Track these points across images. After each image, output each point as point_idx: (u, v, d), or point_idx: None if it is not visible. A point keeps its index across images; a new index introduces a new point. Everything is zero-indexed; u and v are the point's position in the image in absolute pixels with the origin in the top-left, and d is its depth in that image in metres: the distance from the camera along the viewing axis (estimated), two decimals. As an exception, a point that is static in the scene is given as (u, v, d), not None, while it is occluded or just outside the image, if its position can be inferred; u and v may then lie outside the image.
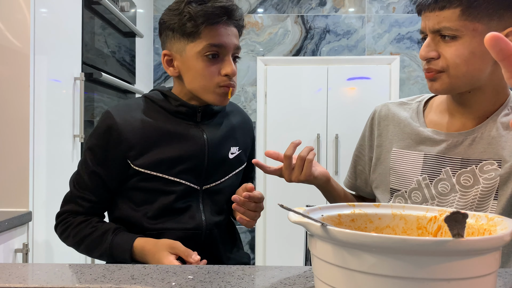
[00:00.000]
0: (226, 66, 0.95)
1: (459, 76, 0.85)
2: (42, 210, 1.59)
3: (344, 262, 0.46)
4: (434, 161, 0.92)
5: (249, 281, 0.68)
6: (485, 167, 0.88)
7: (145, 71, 3.04)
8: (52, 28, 1.68)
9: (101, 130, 0.97)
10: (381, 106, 1.06)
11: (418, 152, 0.95)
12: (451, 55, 0.84)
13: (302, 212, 0.53)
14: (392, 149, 0.99)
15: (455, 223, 0.42)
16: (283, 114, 3.25)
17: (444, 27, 0.83)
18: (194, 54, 0.95)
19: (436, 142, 0.93)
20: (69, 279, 0.68)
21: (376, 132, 1.04)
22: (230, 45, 0.96)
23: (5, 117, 1.50)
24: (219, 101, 0.98)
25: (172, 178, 0.97)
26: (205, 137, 1.00)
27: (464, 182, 0.89)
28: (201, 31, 0.94)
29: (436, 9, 0.83)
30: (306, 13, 3.24)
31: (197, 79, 0.97)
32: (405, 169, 0.96)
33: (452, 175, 0.90)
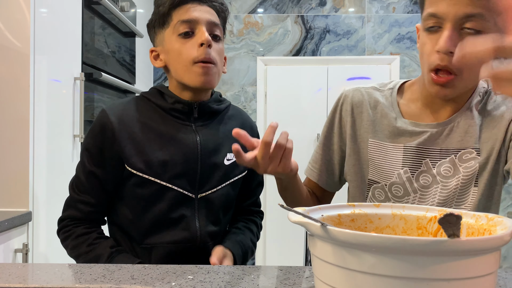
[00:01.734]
0: (199, 35, 0.93)
1: (471, 80, 0.81)
2: (42, 210, 1.59)
3: (344, 262, 0.46)
4: (415, 153, 0.90)
5: (249, 281, 0.68)
6: (464, 156, 0.87)
7: (145, 71, 3.04)
8: (52, 28, 1.68)
9: (96, 129, 0.96)
10: (353, 91, 0.98)
11: (397, 144, 0.91)
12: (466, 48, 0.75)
13: (302, 212, 0.53)
14: (368, 139, 0.94)
15: (450, 224, 0.42)
16: (283, 114, 3.25)
17: (475, 14, 0.72)
18: (170, 36, 0.96)
19: (415, 134, 0.90)
20: (69, 279, 0.68)
21: (349, 119, 0.97)
22: (202, 18, 0.94)
23: (5, 117, 1.50)
24: (200, 81, 0.94)
25: (164, 183, 0.94)
26: (198, 140, 0.97)
27: (444, 173, 0.88)
28: (172, 13, 0.95)
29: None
30: (306, 13, 3.24)
31: (176, 61, 0.96)
32: (385, 161, 0.92)
33: (432, 166, 0.89)
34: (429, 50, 0.79)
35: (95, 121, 0.97)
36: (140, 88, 2.74)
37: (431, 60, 0.79)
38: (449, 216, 0.42)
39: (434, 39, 0.78)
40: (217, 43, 0.97)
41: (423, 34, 0.81)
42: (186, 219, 0.96)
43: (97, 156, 0.95)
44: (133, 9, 2.63)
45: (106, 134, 0.94)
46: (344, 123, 0.98)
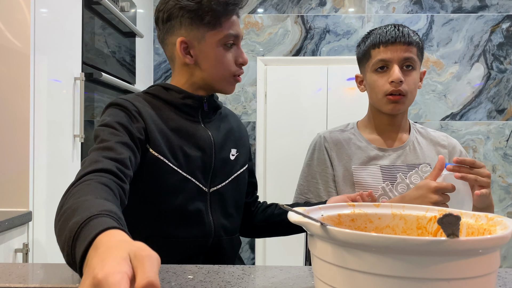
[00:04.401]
0: (242, 55, 1.00)
1: (411, 100, 1.14)
2: (42, 210, 1.59)
3: (344, 262, 0.46)
4: (389, 170, 1.16)
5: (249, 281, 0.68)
6: (424, 168, 1.16)
7: (145, 71, 3.04)
8: (52, 28, 1.68)
9: (116, 109, 0.89)
10: (327, 134, 1.24)
11: (374, 165, 1.17)
12: (411, 83, 1.11)
13: (302, 212, 0.53)
14: (352, 166, 1.17)
15: (449, 225, 0.42)
16: (283, 114, 3.25)
17: (411, 58, 1.11)
18: (214, 42, 0.96)
19: (384, 157, 1.17)
20: (69, 279, 0.68)
21: (335, 154, 1.20)
22: (242, 35, 1.01)
23: (5, 117, 1.50)
24: (230, 89, 1.02)
25: (185, 174, 0.93)
26: (211, 135, 0.99)
27: (415, 181, 1.15)
28: (222, 20, 0.95)
29: (406, 44, 1.10)
30: (306, 13, 3.24)
31: (215, 67, 0.98)
32: (369, 180, 1.16)
33: (404, 177, 1.16)
34: (382, 83, 1.12)
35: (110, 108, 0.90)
36: (140, 88, 2.74)
37: (386, 88, 1.11)
38: (448, 217, 0.42)
39: (384, 75, 1.12)
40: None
41: (372, 75, 1.15)
42: (201, 213, 0.95)
43: (122, 130, 0.85)
44: (133, 9, 2.63)
45: (131, 113, 0.89)
46: (331, 157, 1.20)
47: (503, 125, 3.18)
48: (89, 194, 0.64)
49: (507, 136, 3.18)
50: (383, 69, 1.12)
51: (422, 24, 3.20)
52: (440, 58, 3.19)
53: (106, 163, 0.75)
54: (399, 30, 1.11)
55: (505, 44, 3.18)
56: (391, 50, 1.10)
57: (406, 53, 1.10)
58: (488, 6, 3.18)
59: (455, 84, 3.19)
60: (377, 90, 1.13)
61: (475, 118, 3.19)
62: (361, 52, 1.19)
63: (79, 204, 0.59)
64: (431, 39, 3.20)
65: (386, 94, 1.11)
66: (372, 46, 1.13)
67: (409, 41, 1.10)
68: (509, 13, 3.18)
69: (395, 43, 1.10)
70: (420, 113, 3.20)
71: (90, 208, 0.57)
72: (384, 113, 1.16)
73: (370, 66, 1.15)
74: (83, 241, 0.50)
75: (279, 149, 3.19)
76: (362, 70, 1.20)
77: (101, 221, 0.52)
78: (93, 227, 0.51)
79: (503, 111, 3.18)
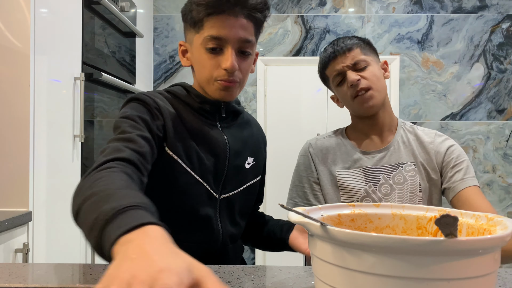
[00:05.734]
0: (224, 60, 0.88)
1: (380, 89, 1.15)
2: (42, 210, 1.59)
3: (344, 262, 0.46)
4: (372, 172, 1.17)
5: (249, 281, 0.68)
6: (407, 167, 1.16)
7: (145, 71, 3.04)
8: (52, 28, 1.68)
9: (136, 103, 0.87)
10: (314, 141, 1.27)
11: (358, 168, 1.18)
12: (370, 76, 1.14)
13: (302, 212, 0.53)
14: (336, 171, 1.19)
15: (447, 225, 0.42)
16: (283, 114, 3.24)
17: (359, 60, 1.14)
18: (198, 45, 0.91)
19: (368, 159, 1.18)
20: (69, 279, 0.68)
21: (318, 159, 1.23)
22: (232, 38, 0.88)
23: (5, 117, 1.50)
24: (219, 95, 0.92)
25: (197, 177, 0.90)
26: (227, 141, 0.96)
27: (398, 181, 1.15)
28: (204, 21, 0.88)
29: (347, 52, 1.15)
30: (306, 13, 3.24)
31: (200, 70, 0.93)
32: (352, 183, 1.17)
33: (387, 178, 1.16)
34: (346, 90, 1.17)
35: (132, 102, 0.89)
36: (140, 88, 2.74)
37: (352, 93, 1.15)
38: (445, 217, 0.42)
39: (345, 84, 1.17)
40: (245, 59, 0.93)
41: (338, 90, 1.20)
42: (210, 219, 0.93)
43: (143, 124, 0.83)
44: (133, 9, 2.63)
45: (151, 108, 0.87)
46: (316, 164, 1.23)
47: (503, 125, 3.18)
48: (119, 181, 0.62)
49: (507, 136, 3.18)
50: (342, 79, 1.17)
51: (422, 24, 3.20)
52: (440, 58, 3.19)
53: (128, 153, 0.73)
54: (338, 43, 1.18)
55: (505, 44, 3.18)
56: (339, 62, 1.16)
57: (352, 59, 1.15)
58: (488, 6, 3.18)
59: (455, 84, 3.19)
60: (346, 97, 1.18)
61: (475, 118, 3.19)
62: (321, 77, 1.28)
63: (112, 192, 0.57)
64: (431, 39, 3.20)
65: (353, 96, 1.15)
66: (323, 68, 1.22)
67: (349, 47, 1.15)
68: (509, 13, 3.18)
69: (336, 58, 1.16)
70: (420, 113, 3.20)
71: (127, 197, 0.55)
72: (363, 116, 1.19)
73: (332, 84, 1.22)
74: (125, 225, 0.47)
75: (279, 149, 3.19)
76: (331, 89, 1.27)
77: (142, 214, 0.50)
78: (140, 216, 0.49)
79: (503, 111, 3.18)
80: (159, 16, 3.27)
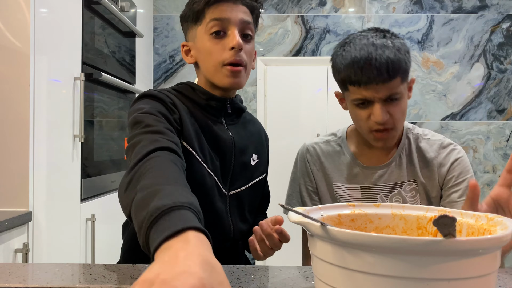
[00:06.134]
0: (231, 38, 0.91)
1: (401, 127, 1.03)
2: (42, 210, 1.59)
3: (344, 262, 0.46)
4: (369, 190, 1.09)
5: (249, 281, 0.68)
6: (407, 188, 1.07)
7: (145, 71, 3.04)
8: (52, 28, 1.68)
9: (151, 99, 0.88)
10: (311, 146, 1.17)
11: (355, 184, 1.10)
12: (398, 114, 0.98)
13: (302, 212, 0.53)
14: (333, 183, 1.12)
15: (444, 226, 0.42)
16: (283, 114, 3.24)
17: (395, 93, 0.95)
18: (202, 35, 0.94)
19: (367, 175, 1.09)
20: (69, 279, 0.68)
21: (316, 168, 1.15)
22: (235, 19, 0.92)
23: (5, 117, 1.50)
24: (228, 82, 0.93)
25: (209, 170, 0.91)
26: (232, 138, 0.97)
27: (395, 202, 1.07)
28: (205, 11, 0.93)
29: (387, 81, 0.92)
30: (306, 13, 3.24)
31: (207, 59, 0.94)
32: (348, 199, 1.10)
33: (385, 198, 1.08)
34: (364, 118, 0.99)
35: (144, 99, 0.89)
36: (140, 88, 2.74)
37: (370, 125, 0.99)
38: (443, 218, 0.42)
39: (367, 111, 0.98)
40: (248, 43, 0.96)
41: (354, 107, 1.00)
42: (222, 213, 0.94)
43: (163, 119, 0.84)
44: (133, 9, 2.63)
45: (166, 104, 0.88)
46: (313, 171, 1.15)
47: (503, 125, 3.18)
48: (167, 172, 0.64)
49: (507, 136, 3.18)
50: (364, 104, 0.98)
51: (422, 24, 3.20)
52: (440, 58, 3.19)
53: (167, 142, 0.74)
54: (378, 62, 0.92)
55: (505, 44, 3.18)
56: (371, 89, 0.94)
57: (389, 91, 0.94)
58: (488, 6, 3.18)
59: (455, 84, 3.19)
60: (361, 124, 1.01)
61: (475, 118, 3.19)
62: (337, 78, 1.02)
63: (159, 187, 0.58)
64: (431, 39, 3.20)
65: (371, 130, 0.99)
66: (348, 81, 0.97)
67: (391, 75, 0.92)
68: (509, 13, 3.18)
69: (368, 85, 0.93)
70: (420, 113, 3.20)
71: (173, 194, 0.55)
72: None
73: (349, 97, 1.01)
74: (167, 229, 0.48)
75: (279, 149, 3.19)
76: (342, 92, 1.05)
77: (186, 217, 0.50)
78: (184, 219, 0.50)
79: (503, 111, 3.18)
80: (159, 16, 3.27)
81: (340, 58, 0.99)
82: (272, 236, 0.83)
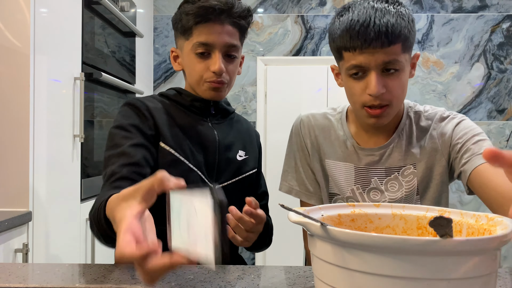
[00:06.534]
0: (213, 63, 0.98)
1: (399, 105, 0.94)
2: (42, 210, 1.59)
3: (344, 262, 0.46)
4: (364, 172, 1.01)
5: (249, 281, 0.68)
6: (405, 172, 1.00)
7: (145, 71, 3.04)
8: (52, 28, 1.68)
9: (128, 111, 0.96)
10: (306, 117, 1.09)
11: (349, 163, 1.02)
12: (396, 88, 0.89)
13: (302, 212, 0.53)
14: (326, 159, 1.05)
15: (440, 227, 0.42)
16: (283, 114, 3.24)
17: (393, 61, 0.86)
18: (187, 51, 1.01)
19: (362, 156, 1.01)
20: (69, 279, 0.68)
21: (309, 141, 1.08)
22: (219, 43, 0.97)
23: (5, 117, 1.50)
24: (209, 95, 1.01)
25: (191, 165, 0.97)
26: (216, 134, 1.03)
27: (391, 188, 1.00)
28: (193, 29, 0.98)
29: (385, 45, 0.84)
30: (306, 13, 3.24)
31: (191, 73, 1.02)
32: (341, 178, 1.03)
33: (380, 183, 1.01)
34: (358, 92, 0.90)
35: (122, 107, 0.98)
36: (140, 88, 2.74)
37: (363, 100, 0.90)
38: (439, 219, 0.42)
39: (361, 84, 0.90)
40: (231, 62, 1.02)
41: (348, 79, 0.92)
42: None
43: (133, 131, 0.93)
44: (133, 9, 2.63)
45: (142, 113, 0.96)
46: (306, 145, 1.08)
47: (503, 125, 3.18)
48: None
49: (507, 136, 3.18)
50: (358, 74, 0.90)
51: (422, 24, 3.20)
52: (440, 58, 3.19)
53: (123, 172, 0.86)
54: (376, 25, 0.83)
55: (505, 44, 3.18)
56: (367, 54, 0.85)
57: (387, 57, 0.86)
58: (488, 6, 3.18)
59: (455, 84, 3.19)
60: (355, 99, 0.93)
61: (475, 118, 3.19)
62: (332, 47, 0.94)
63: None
64: (431, 39, 3.20)
65: (365, 106, 0.91)
66: (343, 47, 0.89)
67: (390, 40, 0.84)
68: (509, 13, 3.18)
69: (365, 49, 0.85)
70: (420, 113, 3.20)
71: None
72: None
73: (344, 67, 0.92)
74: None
75: (279, 149, 3.19)
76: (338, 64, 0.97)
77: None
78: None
79: (503, 111, 3.18)
80: (159, 16, 3.27)
81: (337, 24, 0.90)
82: (244, 219, 0.81)
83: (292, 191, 1.12)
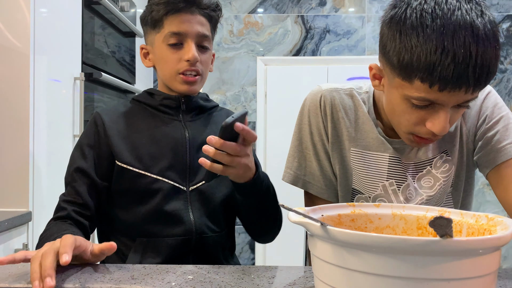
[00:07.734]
0: (186, 52, 0.98)
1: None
2: (42, 210, 1.59)
3: (344, 262, 0.46)
4: (400, 165, 0.86)
5: (249, 281, 0.68)
6: (438, 163, 0.86)
7: (145, 71, 3.04)
8: (52, 28, 1.68)
9: (89, 129, 1.01)
10: (328, 93, 0.91)
11: (382, 153, 0.85)
12: (453, 122, 0.76)
13: (302, 212, 0.53)
14: (350, 148, 0.88)
15: (440, 227, 0.42)
16: (283, 114, 3.25)
17: (471, 99, 0.71)
18: (160, 43, 1.00)
19: (394, 145, 0.87)
20: (69, 279, 0.68)
21: (330, 124, 0.89)
22: (191, 32, 0.98)
23: (5, 117, 1.50)
24: (183, 88, 1.00)
25: (155, 176, 0.96)
26: (187, 134, 1.01)
27: (426, 185, 0.87)
28: (163, 20, 0.98)
29: (477, 89, 0.68)
30: (306, 13, 3.24)
31: (163, 67, 1.01)
32: (369, 172, 0.87)
33: (412, 180, 0.87)
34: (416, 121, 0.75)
35: (89, 122, 1.02)
36: (140, 88, 2.73)
37: (418, 131, 0.76)
38: (439, 219, 0.42)
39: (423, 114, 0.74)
40: (204, 53, 1.02)
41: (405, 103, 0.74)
42: (180, 211, 0.97)
43: (88, 152, 0.98)
44: (133, 9, 2.63)
45: (98, 131, 0.99)
46: (326, 127, 0.91)
47: (503, 125, 3.18)
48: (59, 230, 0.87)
49: (507, 136, 3.18)
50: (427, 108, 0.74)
51: (422, 24, 3.20)
52: (440, 58, 3.19)
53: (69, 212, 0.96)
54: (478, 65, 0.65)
55: (505, 44, 3.18)
56: (450, 96, 0.69)
57: (468, 97, 0.71)
58: (488, 6, 3.18)
59: (455, 84, 3.19)
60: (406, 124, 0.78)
61: (475, 118, 3.19)
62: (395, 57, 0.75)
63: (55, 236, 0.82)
64: (431, 39, 3.19)
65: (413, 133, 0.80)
66: (420, 75, 0.68)
67: (486, 82, 0.69)
68: (509, 13, 3.18)
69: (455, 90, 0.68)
70: (420, 113, 3.20)
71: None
72: None
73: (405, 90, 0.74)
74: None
75: (278, 149, 3.19)
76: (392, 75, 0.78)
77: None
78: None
79: (503, 111, 3.18)
80: (159, 16, 3.27)
81: (413, 40, 0.67)
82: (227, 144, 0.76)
83: (298, 182, 0.95)
